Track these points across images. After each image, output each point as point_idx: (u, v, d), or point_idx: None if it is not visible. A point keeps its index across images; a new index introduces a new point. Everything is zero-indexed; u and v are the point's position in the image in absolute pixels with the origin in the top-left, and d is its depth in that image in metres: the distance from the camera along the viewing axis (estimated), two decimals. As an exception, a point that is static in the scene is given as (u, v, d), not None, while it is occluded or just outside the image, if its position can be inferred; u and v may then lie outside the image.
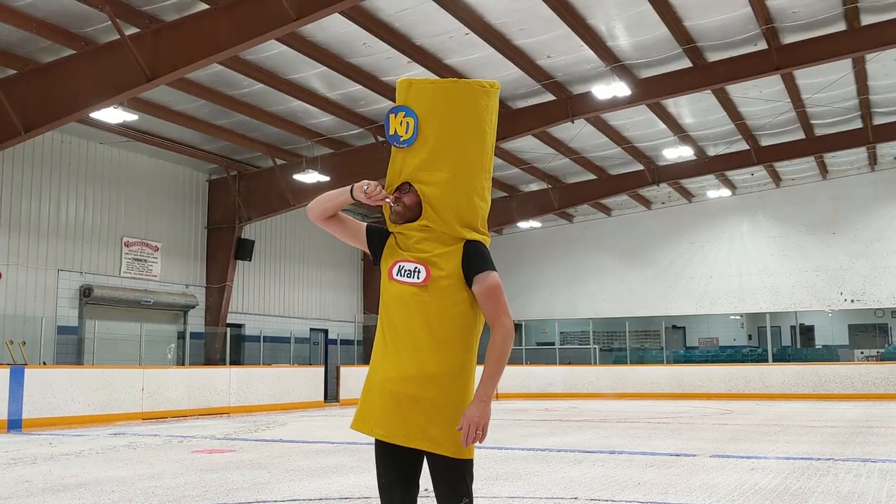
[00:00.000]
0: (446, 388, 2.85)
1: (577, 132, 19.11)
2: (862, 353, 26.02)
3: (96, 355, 17.15)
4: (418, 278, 2.89)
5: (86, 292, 17.15)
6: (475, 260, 2.89)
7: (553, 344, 27.80)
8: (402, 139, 3.00)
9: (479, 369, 2.96)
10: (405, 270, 2.92)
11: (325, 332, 24.46)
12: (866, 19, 14.31)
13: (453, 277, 2.88)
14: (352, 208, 24.56)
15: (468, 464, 2.89)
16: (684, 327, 30.48)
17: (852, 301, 24.10)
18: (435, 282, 2.87)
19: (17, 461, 8.97)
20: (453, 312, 2.87)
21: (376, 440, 2.92)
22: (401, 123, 3.00)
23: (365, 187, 2.95)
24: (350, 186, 3.01)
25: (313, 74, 15.20)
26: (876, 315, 27.05)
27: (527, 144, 20.09)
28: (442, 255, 2.90)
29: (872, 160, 23.39)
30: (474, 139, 3.00)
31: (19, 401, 13.49)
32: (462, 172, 2.96)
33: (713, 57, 15.50)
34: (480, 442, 2.76)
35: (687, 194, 25.92)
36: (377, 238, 3.10)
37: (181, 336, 19.55)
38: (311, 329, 23.88)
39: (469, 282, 2.88)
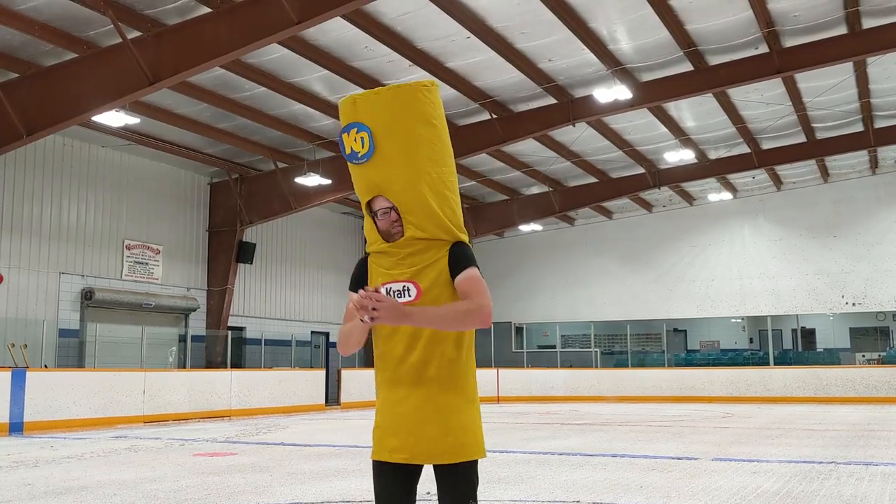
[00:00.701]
0: (448, 393, 2.84)
1: (578, 135, 19.12)
2: (863, 356, 25.99)
3: (97, 358, 17.14)
4: (409, 296, 2.87)
5: (87, 295, 17.16)
6: (460, 260, 2.87)
7: (554, 347, 27.78)
8: (360, 155, 2.95)
9: (479, 371, 2.92)
10: (394, 292, 2.87)
11: (327, 335, 24.45)
12: (867, 23, 14.33)
13: (443, 285, 2.87)
14: (352, 210, 24.58)
15: (474, 466, 2.87)
16: (685, 330, 30.46)
17: (853, 304, 24.09)
18: (426, 293, 2.86)
19: (19, 464, 8.97)
20: None
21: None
22: (355, 140, 2.95)
23: (362, 312, 2.64)
24: (354, 319, 2.80)
25: (315, 78, 15.22)
26: (877, 318, 27.03)
27: (528, 147, 20.10)
28: (430, 265, 2.88)
29: (874, 163, 23.39)
30: (427, 133, 2.97)
31: (21, 404, 13.50)
32: (425, 168, 2.93)
33: (714, 60, 15.51)
34: (365, 314, 2.58)
35: (688, 197, 25.92)
36: (358, 277, 3.00)
37: (182, 339, 19.55)
38: (313, 332, 23.88)
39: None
